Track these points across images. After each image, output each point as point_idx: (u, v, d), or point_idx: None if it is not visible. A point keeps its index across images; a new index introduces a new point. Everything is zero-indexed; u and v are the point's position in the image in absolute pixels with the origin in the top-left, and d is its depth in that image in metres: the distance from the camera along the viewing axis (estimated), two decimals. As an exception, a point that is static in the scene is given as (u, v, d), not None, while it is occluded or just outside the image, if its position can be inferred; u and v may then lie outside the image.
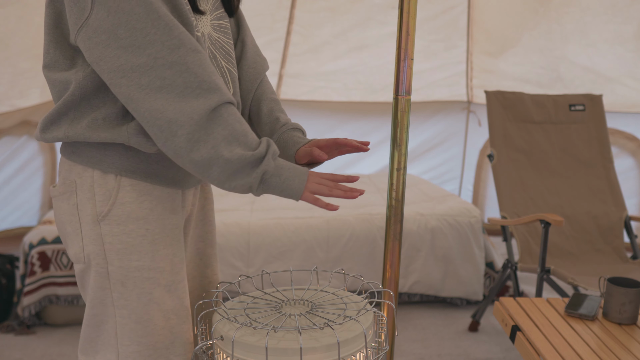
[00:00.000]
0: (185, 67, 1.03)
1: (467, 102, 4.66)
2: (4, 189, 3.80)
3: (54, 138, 1.12)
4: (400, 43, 1.40)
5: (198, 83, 1.03)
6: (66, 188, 1.16)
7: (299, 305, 1.26)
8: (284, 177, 1.09)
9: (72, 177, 1.16)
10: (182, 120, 1.02)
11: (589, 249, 2.94)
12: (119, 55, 1.01)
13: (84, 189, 1.14)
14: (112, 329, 1.16)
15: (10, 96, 3.48)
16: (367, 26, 4.27)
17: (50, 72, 1.11)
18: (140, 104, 1.02)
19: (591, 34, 4.00)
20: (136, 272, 1.15)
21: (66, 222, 1.17)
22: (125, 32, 1.01)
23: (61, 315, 2.88)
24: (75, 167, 1.15)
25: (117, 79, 1.02)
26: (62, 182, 1.17)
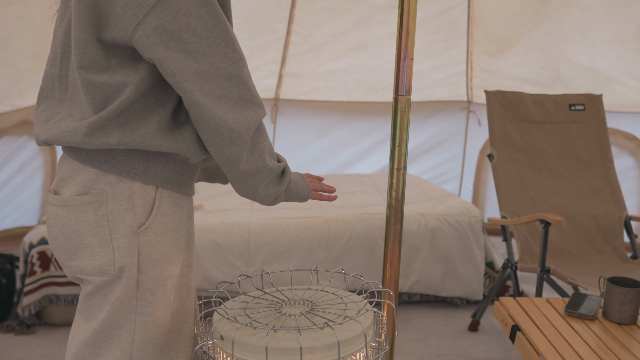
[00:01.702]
0: (242, 80, 1.08)
1: (467, 102, 4.66)
2: (4, 189, 3.80)
3: (103, 144, 1.07)
4: (400, 43, 1.40)
5: (249, 97, 1.09)
6: (93, 198, 1.11)
7: (299, 305, 1.26)
8: (297, 183, 1.26)
9: (100, 186, 1.11)
10: (241, 130, 1.08)
11: (589, 248, 2.94)
12: (181, 59, 1.03)
13: (120, 200, 1.11)
14: (128, 335, 1.15)
15: (10, 96, 3.49)
16: (367, 26, 4.27)
17: (89, 74, 1.05)
18: (206, 110, 1.06)
19: (591, 33, 4.00)
20: (166, 280, 1.16)
21: (86, 234, 1.11)
22: (192, 38, 1.02)
23: (61, 315, 2.88)
24: (105, 176, 1.11)
25: (181, 82, 1.04)
26: (83, 191, 1.11)
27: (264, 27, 4.16)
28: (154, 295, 1.15)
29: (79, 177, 1.12)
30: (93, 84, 1.05)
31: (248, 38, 4.15)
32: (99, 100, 1.07)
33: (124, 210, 1.11)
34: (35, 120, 1.18)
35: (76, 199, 1.11)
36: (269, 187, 1.18)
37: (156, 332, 1.17)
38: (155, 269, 1.14)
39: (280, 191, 1.21)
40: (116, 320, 1.14)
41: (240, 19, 3.98)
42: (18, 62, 3.36)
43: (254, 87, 1.11)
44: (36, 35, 3.34)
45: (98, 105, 1.07)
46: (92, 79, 1.05)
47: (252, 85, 1.10)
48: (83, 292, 1.16)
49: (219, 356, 1.16)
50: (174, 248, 1.17)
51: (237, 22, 3.97)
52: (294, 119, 4.60)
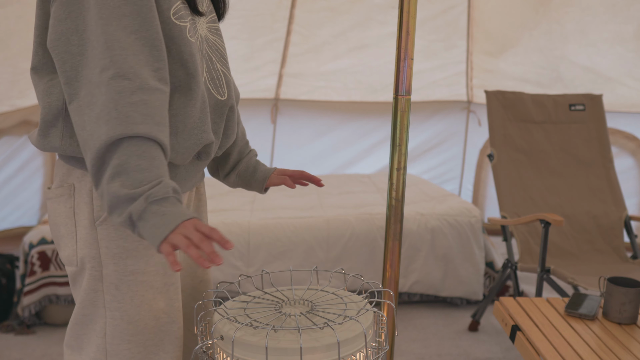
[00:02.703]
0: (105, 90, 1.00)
1: (467, 102, 4.66)
2: (4, 189, 3.80)
3: (51, 148, 1.13)
4: (400, 43, 1.40)
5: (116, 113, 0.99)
6: (63, 191, 1.17)
7: (299, 305, 1.26)
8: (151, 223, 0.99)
9: (70, 180, 1.16)
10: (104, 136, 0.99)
11: (589, 248, 2.94)
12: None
13: (82, 193, 1.15)
14: (101, 329, 1.17)
15: (10, 96, 3.48)
16: (367, 26, 4.27)
17: (36, 75, 1.12)
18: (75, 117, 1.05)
19: (591, 34, 4.00)
20: (131, 275, 1.15)
21: (60, 225, 1.18)
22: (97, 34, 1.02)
23: (61, 315, 2.88)
24: (74, 171, 1.16)
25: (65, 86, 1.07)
26: (59, 184, 1.18)
27: (264, 27, 4.15)
28: (119, 290, 1.15)
29: (58, 172, 1.19)
30: (37, 86, 1.12)
31: (248, 38, 4.15)
32: (45, 104, 1.10)
33: (85, 204, 1.15)
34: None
35: (54, 191, 1.19)
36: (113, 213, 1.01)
37: (129, 328, 1.16)
38: (117, 264, 1.15)
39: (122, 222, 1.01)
40: (87, 313, 1.18)
41: (240, 19, 3.97)
42: (18, 62, 3.36)
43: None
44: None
45: (44, 108, 1.11)
46: (35, 80, 1.12)
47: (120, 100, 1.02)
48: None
49: (219, 356, 1.16)
50: (138, 243, 1.15)
51: (237, 22, 3.97)
52: (294, 119, 4.60)
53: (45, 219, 3.13)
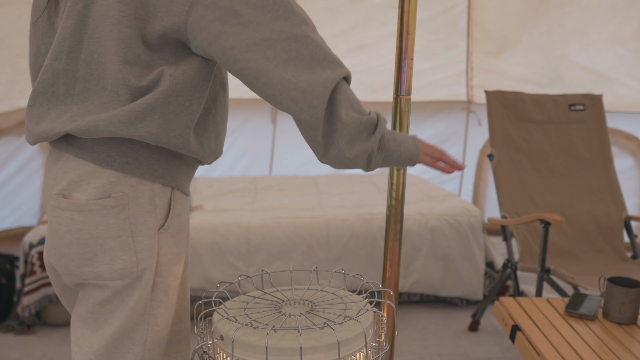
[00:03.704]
0: (311, 40, 1.04)
1: (467, 102, 4.66)
2: (4, 189, 3.80)
3: (141, 137, 1.06)
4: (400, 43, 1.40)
5: (324, 55, 1.05)
6: (115, 202, 1.08)
7: (299, 305, 1.26)
8: (399, 141, 1.11)
9: (120, 189, 1.09)
10: (317, 91, 1.02)
11: (589, 248, 2.94)
12: (238, 31, 1.01)
13: (142, 202, 1.10)
14: (141, 337, 1.14)
15: (10, 96, 3.49)
16: (367, 26, 4.27)
17: (134, 69, 1.04)
18: (272, 76, 1.02)
19: (591, 34, 4.00)
20: (176, 279, 1.18)
21: (107, 238, 1.09)
22: (246, 9, 1.01)
23: (61, 315, 2.88)
24: (127, 179, 1.09)
25: (241, 53, 1.01)
26: (104, 195, 1.08)
27: (264, 27, 4.16)
28: (167, 296, 1.16)
29: (97, 180, 1.08)
30: (135, 78, 1.04)
31: (248, 38, 4.14)
32: (138, 95, 1.05)
33: (146, 213, 1.11)
34: (32, 117, 1.12)
35: (97, 202, 1.07)
36: (355, 145, 1.07)
37: (164, 332, 1.17)
38: (169, 270, 1.15)
39: (371, 147, 1.08)
40: (133, 326, 1.13)
41: (240, 19, 3.97)
42: (18, 62, 3.36)
43: (329, 48, 1.07)
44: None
45: (132, 101, 1.06)
46: (135, 73, 1.04)
47: (325, 46, 1.06)
48: (93, 300, 1.13)
49: (219, 356, 1.16)
50: (182, 248, 1.18)
51: (237, 22, 3.97)
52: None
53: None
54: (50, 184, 1.13)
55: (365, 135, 1.08)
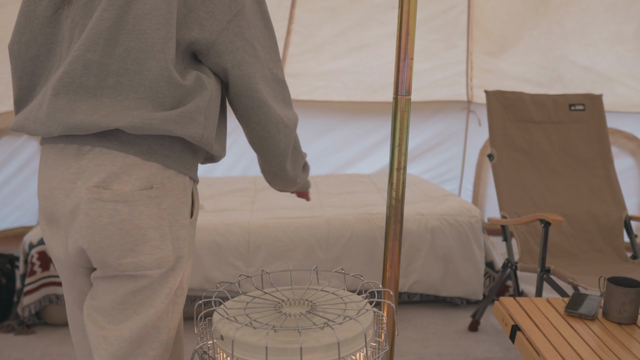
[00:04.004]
0: (285, 84, 1.27)
1: (467, 102, 4.66)
2: (4, 189, 3.80)
3: (192, 137, 1.13)
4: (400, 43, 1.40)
5: (290, 98, 1.29)
6: (156, 192, 1.12)
7: (299, 305, 1.26)
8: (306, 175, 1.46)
9: (159, 180, 1.13)
10: (292, 127, 1.28)
11: (589, 248, 2.94)
12: (254, 63, 1.18)
13: (177, 194, 1.16)
14: (166, 325, 1.19)
15: (10, 96, 3.48)
16: (367, 26, 4.27)
17: (177, 68, 1.12)
18: (270, 108, 1.21)
19: (591, 34, 4.00)
20: (190, 268, 1.26)
21: (149, 228, 1.12)
22: (258, 45, 1.18)
23: (61, 315, 2.88)
24: (165, 171, 1.14)
25: (254, 84, 1.18)
26: (146, 185, 1.12)
27: (264, 27, 4.15)
28: (186, 283, 1.25)
29: (139, 172, 1.11)
30: (179, 76, 1.11)
31: (248, 38, 4.14)
32: (179, 93, 1.11)
33: (181, 203, 1.17)
34: (57, 107, 1.10)
35: (142, 193, 1.11)
36: (303, 171, 1.41)
37: (180, 320, 1.26)
38: (190, 258, 1.23)
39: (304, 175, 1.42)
40: (162, 312, 1.16)
41: (240, 19, 3.97)
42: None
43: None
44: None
45: (174, 99, 1.11)
46: (178, 72, 1.12)
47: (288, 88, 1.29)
48: (123, 290, 1.14)
49: (219, 356, 1.16)
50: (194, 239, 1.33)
51: (237, 22, 3.97)
52: (294, 119, 4.60)
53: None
54: (72, 178, 1.12)
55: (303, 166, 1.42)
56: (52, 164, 1.15)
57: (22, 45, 1.18)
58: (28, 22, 1.17)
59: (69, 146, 1.13)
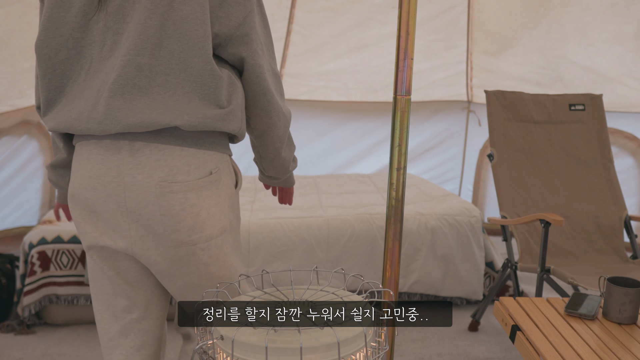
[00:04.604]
0: (280, 79, 1.40)
1: (467, 102, 4.66)
2: (4, 188, 3.80)
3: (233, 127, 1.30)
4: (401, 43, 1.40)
5: (283, 93, 1.42)
6: (215, 176, 1.31)
7: (299, 305, 1.26)
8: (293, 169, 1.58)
9: (212, 164, 1.30)
10: (288, 117, 1.42)
11: (589, 248, 2.94)
12: (262, 55, 1.33)
13: (227, 171, 1.35)
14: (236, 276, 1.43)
15: (10, 96, 3.48)
16: (367, 26, 4.27)
17: (214, 61, 1.27)
18: (273, 97, 1.34)
19: (591, 33, 4.00)
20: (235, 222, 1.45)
21: (212, 206, 1.31)
22: (263, 41, 1.34)
23: (61, 315, 2.88)
24: (213, 154, 1.31)
25: (263, 73, 1.31)
26: (207, 172, 1.29)
27: (264, 26, 4.16)
28: (236, 241, 1.44)
29: (196, 162, 1.27)
30: (218, 69, 1.26)
31: (248, 38, 4.14)
32: (221, 84, 1.25)
33: (230, 179, 1.37)
34: (115, 107, 1.21)
35: (204, 180, 1.28)
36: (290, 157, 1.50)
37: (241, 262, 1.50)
38: (239, 219, 1.47)
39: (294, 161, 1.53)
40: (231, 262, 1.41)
41: (240, 19, 3.97)
42: (18, 62, 3.36)
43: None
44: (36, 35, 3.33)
45: (216, 90, 1.25)
46: (220, 68, 1.27)
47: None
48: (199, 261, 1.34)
49: (219, 356, 1.16)
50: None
51: (237, 22, 3.96)
52: (294, 119, 4.55)
53: (46, 218, 3.12)
54: (130, 172, 1.24)
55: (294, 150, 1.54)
56: (99, 160, 1.26)
57: (52, 49, 1.28)
58: (57, 28, 1.26)
59: (117, 143, 1.24)
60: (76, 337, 2.78)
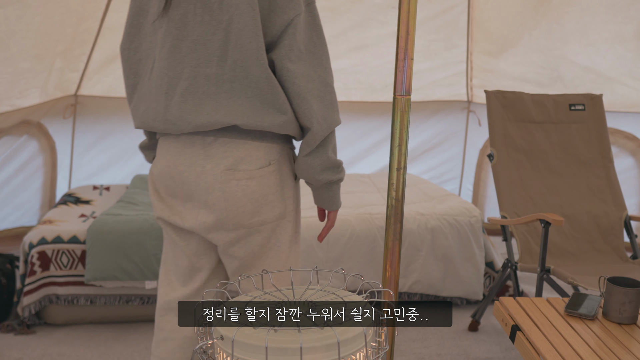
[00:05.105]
0: (333, 89, 1.47)
1: (467, 102, 4.66)
2: (4, 189, 3.80)
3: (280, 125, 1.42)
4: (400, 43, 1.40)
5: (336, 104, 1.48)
6: (274, 167, 1.46)
7: (299, 305, 1.26)
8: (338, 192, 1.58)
9: (272, 156, 1.46)
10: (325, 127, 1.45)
11: (589, 248, 2.94)
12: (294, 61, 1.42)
13: (286, 162, 1.50)
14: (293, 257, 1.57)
15: (10, 96, 3.48)
16: (367, 26, 4.26)
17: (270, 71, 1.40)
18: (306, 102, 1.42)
19: (591, 33, 4.00)
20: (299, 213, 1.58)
21: (270, 193, 1.46)
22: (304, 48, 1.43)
23: (61, 315, 2.88)
24: (273, 147, 1.46)
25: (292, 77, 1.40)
26: (266, 163, 1.45)
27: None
28: (300, 228, 1.58)
29: (257, 154, 1.44)
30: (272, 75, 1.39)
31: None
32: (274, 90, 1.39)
33: (289, 170, 1.51)
34: (187, 110, 1.41)
35: (264, 170, 1.44)
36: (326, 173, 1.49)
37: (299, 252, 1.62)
38: (299, 211, 1.58)
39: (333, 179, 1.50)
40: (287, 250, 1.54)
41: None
42: (18, 62, 3.36)
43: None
44: (36, 36, 3.33)
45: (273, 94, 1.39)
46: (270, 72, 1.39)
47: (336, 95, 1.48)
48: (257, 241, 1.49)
49: (219, 356, 1.16)
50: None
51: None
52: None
53: (46, 218, 3.12)
54: (201, 162, 1.43)
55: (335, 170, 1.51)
56: (176, 152, 1.47)
57: (131, 51, 1.51)
58: (137, 32, 1.49)
59: (192, 138, 1.44)
60: (76, 337, 2.78)
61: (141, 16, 1.48)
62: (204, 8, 1.39)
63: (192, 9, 1.39)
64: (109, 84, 4.11)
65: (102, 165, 4.32)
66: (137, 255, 2.83)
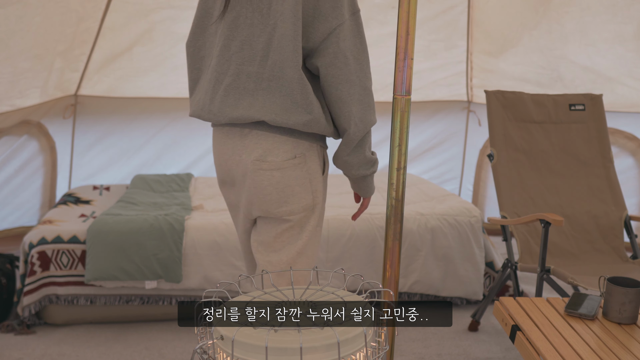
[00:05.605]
0: (371, 93, 1.56)
1: (467, 102, 4.66)
2: (4, 189, 3.80)
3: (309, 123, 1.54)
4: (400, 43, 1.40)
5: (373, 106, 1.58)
6: (299, 160, 1.56)
7: (299, 305, 1.26)
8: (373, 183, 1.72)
9: (300, 151, 1.56)
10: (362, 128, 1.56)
11: (589, 248, 2.94)
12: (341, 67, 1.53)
13: (314, 158, 1.60)
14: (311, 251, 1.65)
15: (10, 96, 3.48)
16: (367, 26, 4.21)
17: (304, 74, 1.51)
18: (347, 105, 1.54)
19: (591, 33, 3.99)
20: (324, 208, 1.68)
21: (295, 185, 1.57)
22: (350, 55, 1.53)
23: (61, 315, 2.88)
24: (302, 143, 1.56)
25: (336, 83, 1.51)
26: (291, 156, 1.55)
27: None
28: (322, 221, 1.67)
29: (285, 147, 1.55)
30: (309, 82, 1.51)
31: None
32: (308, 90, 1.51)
33: (317, 165, 1.61)
34: (227, 104, 1.55)
35: (289, 162, 1.56)
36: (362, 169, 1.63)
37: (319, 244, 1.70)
38: (324, 203, 1.67)
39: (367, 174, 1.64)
40: (307, 242, 1.62)
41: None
42: (18, 62, 3.36)
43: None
44: (36, 35, 3.33)
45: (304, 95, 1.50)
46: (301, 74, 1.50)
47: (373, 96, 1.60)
48: (278, 229, 1.61)
49: (219, 356, 1.16)
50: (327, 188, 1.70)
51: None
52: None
53: (46, 218, 3.12)
54: (239, 152, 1.58)
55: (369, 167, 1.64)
56: (221, 142, 1.63)
57: (196, 49, 1.67)
58: (202, 32, 1.65)
59: (233, 129, 1.59)
60: (76, 337, 2.78)
61: (206, 18, 1.65)
62: (254, 12, 1.52)
63: (244, 12, 1.54)
64: (109, 84, 4.11)
65: (102, 165, 4.32)
66: (137, 255, 2.83)
